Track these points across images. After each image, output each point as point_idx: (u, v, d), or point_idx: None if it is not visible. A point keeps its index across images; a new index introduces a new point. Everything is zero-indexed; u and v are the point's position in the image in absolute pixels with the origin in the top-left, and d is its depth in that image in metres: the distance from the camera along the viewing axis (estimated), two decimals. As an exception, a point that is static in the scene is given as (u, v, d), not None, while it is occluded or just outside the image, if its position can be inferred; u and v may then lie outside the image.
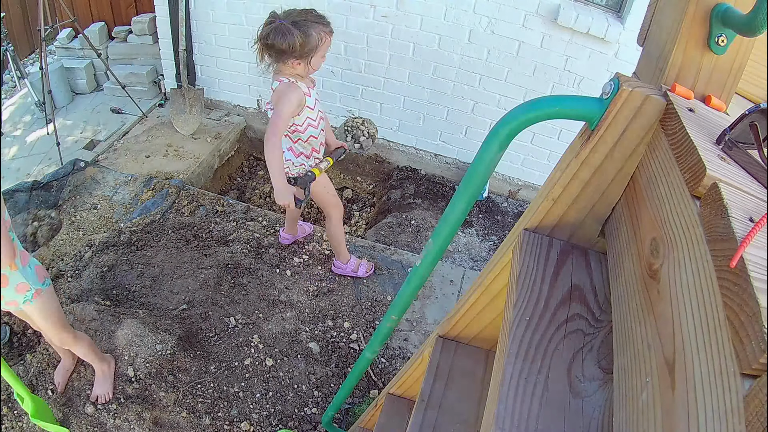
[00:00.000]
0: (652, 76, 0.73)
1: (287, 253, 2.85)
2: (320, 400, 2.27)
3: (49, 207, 3.03)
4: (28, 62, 5.09)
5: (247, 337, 2.41)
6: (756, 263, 0.40)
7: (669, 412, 0.44)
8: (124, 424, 2.03)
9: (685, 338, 0.46)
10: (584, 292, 0.74)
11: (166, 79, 3.91)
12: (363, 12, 3.13)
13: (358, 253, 2.90)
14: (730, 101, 0.72)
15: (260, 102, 3.80)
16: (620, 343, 0.60)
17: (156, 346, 2.21)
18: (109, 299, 2.53)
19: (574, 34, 2.88)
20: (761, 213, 0.46)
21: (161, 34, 3.59)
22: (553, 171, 0.77)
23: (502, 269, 0.87)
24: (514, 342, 0.65)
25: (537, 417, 0.59)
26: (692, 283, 0.48)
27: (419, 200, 3.46)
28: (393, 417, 1.36)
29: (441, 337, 1.11)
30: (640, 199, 0.67)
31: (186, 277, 2.67)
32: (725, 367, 0.39)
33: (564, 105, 0.69)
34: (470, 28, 3.03)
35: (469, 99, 3.31)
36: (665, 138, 0.63)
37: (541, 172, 3.49)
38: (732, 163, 0.57)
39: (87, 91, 4.27)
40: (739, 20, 0.62)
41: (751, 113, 0.57)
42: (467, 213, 0.86)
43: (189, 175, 3.33)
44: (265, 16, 1.89)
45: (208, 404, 2.15)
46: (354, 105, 3.59)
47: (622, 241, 0.69)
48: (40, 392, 2.11)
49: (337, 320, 2.58)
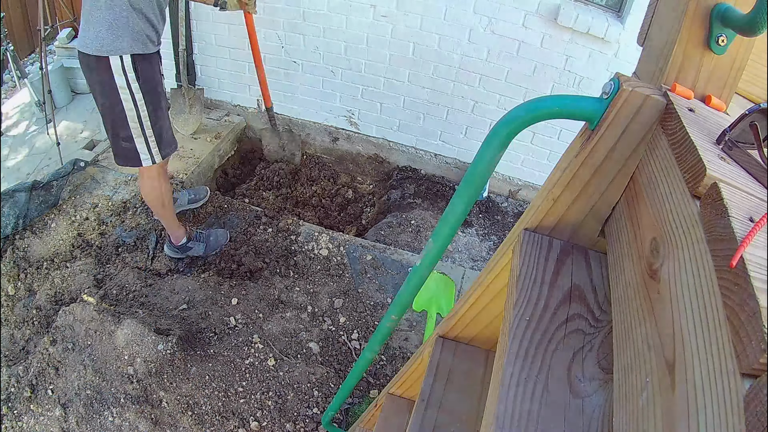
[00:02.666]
0: (652, 76, 0.73)
1: (289, 252, 2.85)
2: (320, 400, 2.27)
3: (48, 207, 3.03)
4: (28, 62, 5.09)
5: (247, 337, 2.41)
6: (756, 263, 0.40)
7: (669, 412, 0.44)
8: (124, 424, 2.03)
9: (685, 338, 0.46)
10: (584, 292, 0.74)
11: (166, 79, 3.90)
12: (363, 12, 3.13)
13: (359, 252, 2.90)
14: (730, 101, 0.72)
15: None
16: (620, 343, 0.60)
17: (156, 346, 2.21)
18: (109, 299, 2.54)
19: (574, 34, 2.88)
20: (761, 213, 0.46)
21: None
22: (553, 171, 0.77)
23: (502, 269, 0.87)
24: (514, 342, 0.65)
25: (537, 417, 0.59)
26: (692, 283, 0.48)
27: (419, 200, 3.46)
28: (393, 417, 1.36)
29: (441, 337, 1.11)
30: (640, 199, 0.67)
31: (186, 277, 2.67)
32: (725, 367, 0.39)
33: (564, 105, 0.69)
34: (470, 27, 3.02)
35: (469, 99, 3.31)
36: (665, 138, 0.63)
37: (541, 172, 3.49)
38: (732, 163, 0.57)
39: (87, 91, 4.26)
40: (739, 20, 0.62)
41: (751, 113, 0.57)
42: (467, 213, 0.86)
43: (189, 175, 3.33)
44: (265, 17, 1.89)
45: (208, 404, 2.15)
46: (354, 105, 3.59)
47: (622, 241, 0.69)
48: (40, 392, 2.11)
49: (337, 320, 2.58)
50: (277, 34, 3.32)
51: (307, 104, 3.70)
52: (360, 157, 3.82)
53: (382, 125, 3.63)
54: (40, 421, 2.06)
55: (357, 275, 2.80)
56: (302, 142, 3.88)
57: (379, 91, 3.46)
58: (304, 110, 3.74)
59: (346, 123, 3.72)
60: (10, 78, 4.58)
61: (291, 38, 3.34)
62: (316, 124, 3.78)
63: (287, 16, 3.23)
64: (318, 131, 3.80)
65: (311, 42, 3.34)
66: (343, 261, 2.87)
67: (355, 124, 3.70)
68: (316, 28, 3.27)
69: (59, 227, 2.94)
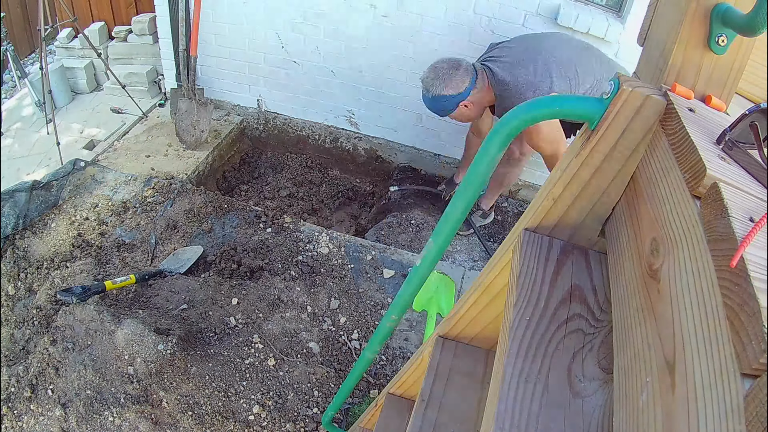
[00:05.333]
0: (652, 76, 0.73)
1: (289, 253, 2.85)
2: (320, 400, 2.27)
3: (48, 207, 3.03)
4: (28, 62, 5.09)
5: (247, 337, 2.41)
6: (756, 263, 0.40)
7: (669, 412, 0.44)
8: (125, 424, 2.03)
9: (685, 338, 0.46)
10: (584, 292, 0.74)
11: (166, 79, 3.91)
12: (363, 12, 3.13)
13: (359, 252, 2.90)
14: (730, 101, 0.72)
15: (260, 102, 3.80)
16: (620, 343, 0.60)
17: (156, 346, 2.21)
18: (109, 299, 2.54)
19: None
20: (761, 213, 0.46)
21: (161, 34, 3.59)
22: (553, 171, 0.77)
23: (502, 269, 0.87)
24: (514, 342, 0.65)
25: (537, 417, 0.59)
26: (692, 283, 0.48)
27: (419, 200, 3.45)
28: (393, 417, 1.36)
29: (441, 337, 1.11)
30: (641, 198, 0.67)
31: (186, 277, 2.67)
32: (725, 367, 0.39)
33: (564, 105, 0.69)
34: (470, 27, 3.02)
35: (469, 99, 3.31)
36: (665, 138, 0.63)
37: (541, 172, 3.49)
38: (732, 163, 0.57)
39: (87, 91, 4.27)
40: (740, 20, 0.62)
41: (751, 113, 0.57)
42: (467, 213, 0.86)
43: (189, 175, 3.33)
44: (265, 17, 1.88)
45: (208, 404, 2.15)
46: (354, 105, 3.59)
47: (623, 241, 0.69)
48: (40, 392, 2.11)
49: (337, 320, 2.58)
50: (277, 34, 3.32)
51: (307, 104, 3.70)
52: (360, 156, 3.82)
53: (382, 125, 3.63)
54: (40, 421, 2.06)
55: (357, 275, 2.80)
56: (302, 142, 3.88)
57: (379, 91, 3.46)
58: (304, 110, 3.74)
59: (346, 123, 3.72)
60: (10, 78, 4.58)
61: (291, 38, 3.33)
62: (316, 124, 3.78)
63: (287, 16, 3.23)
64: (318, 131, 3.80)
65: (311, 42, 3.34)
66: (343, 261, 2.87)
67: (355, 124, 3.70)
68: (316, 28, 3.27)
69: (59, 227, 2.94)
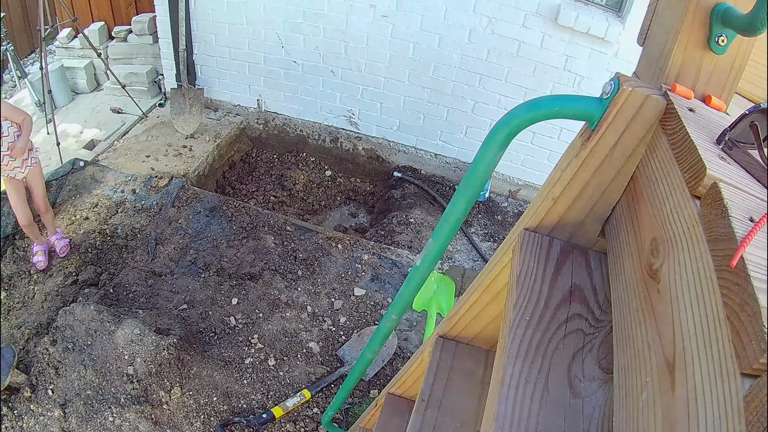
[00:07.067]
0: (652, 76, 0.73)
1: (289, 253, 2.85)
2: (320, 400, 2.27)
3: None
4: (28, 62, 5.09)
5: (247, 337, 2.41)
6: (756, 263, 0.40)
7: (669, 412, 0.44)
8: (124, 423, 2.03)
9: (685, 338, 0.46)
10: (584, 292, 0.74)
11: (166, 79, 3.91)
12: (363, 12, 3.13)
13: (359, 252, 2.90)
14: (730, 101, 0.72)
15: (260, 102, 3.80)
16: (620, 343, 0.60)
17: (156, 346, 2.21)
18: (109, 299, 2.53)
19: (574, 34, 2.88)
20: (761, 213, 0.46)
21: (161, 34, 3.59)
22: (553, 171, 0.77)
23: (502, 269, 0.87)
24: (514, 342, 0.65)
25: (537, 417, 0.59)
26: (692, 282, 0.48)
27: (419, 200, 3.45)
28: (393, 417, 1.36)
29: (441, 337, 1.11)
30: (640, 198, 0.67)
31: (186, 277, 2.67)
32: (725, 367, 0.39)
33: (564, 105, 0.69)
34: (470, 27, 3.02)
35: (469, 99, 3.31)
36: (665, 138, 0.63)
37: (541, 172, 3.49)
38: (732, 163, 0.57)
39: (87, 91, 4.26)
40: (739, 20, 0.62)
41: (751, 113, 0.57)
42: (467, 213, 0.86)
43: (189, 175, 3.33)
44: (265, 16, 1.88)
45: (208, 404, 2.15)
46: (354, 104, 3.59)
47: (622, 241, 0.69)
48: (40, 392, 2.11)
49: (337, 320, 2.58)
50: (277, 34, 3.32)
51: (307, 104, 3.70)
52: (360, 157, 3.82)
53: (382, 125, 3.63)
54: (40, 421, 2.06)
55: (357, 275, 2.80)
56: (302, 142, 3.88)
57: (379, 91, 3.46)
58: (304, 110, 3.74)
59: (346, 123, 3.71)
60: (10, 78, 4.58)
61: (291, 38, 3.33)
62: (316, 123, 3.78)
63: (287, 16, 3.23)
64: (318, 131, 3.80)
65: (311, 42, 3.34)
66: (343, 261, 2.87)
67: (355, 124, 3.70)
68: (316, 28, 3.27)
69: (59, 227, 2.94)
